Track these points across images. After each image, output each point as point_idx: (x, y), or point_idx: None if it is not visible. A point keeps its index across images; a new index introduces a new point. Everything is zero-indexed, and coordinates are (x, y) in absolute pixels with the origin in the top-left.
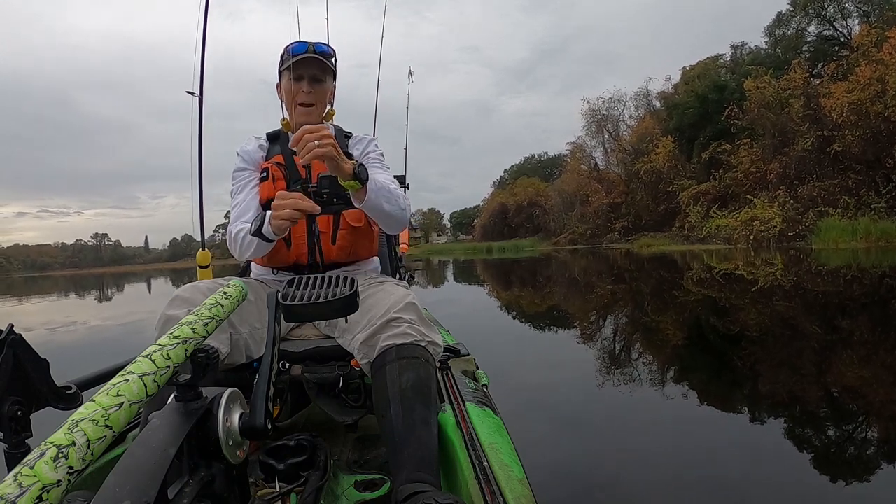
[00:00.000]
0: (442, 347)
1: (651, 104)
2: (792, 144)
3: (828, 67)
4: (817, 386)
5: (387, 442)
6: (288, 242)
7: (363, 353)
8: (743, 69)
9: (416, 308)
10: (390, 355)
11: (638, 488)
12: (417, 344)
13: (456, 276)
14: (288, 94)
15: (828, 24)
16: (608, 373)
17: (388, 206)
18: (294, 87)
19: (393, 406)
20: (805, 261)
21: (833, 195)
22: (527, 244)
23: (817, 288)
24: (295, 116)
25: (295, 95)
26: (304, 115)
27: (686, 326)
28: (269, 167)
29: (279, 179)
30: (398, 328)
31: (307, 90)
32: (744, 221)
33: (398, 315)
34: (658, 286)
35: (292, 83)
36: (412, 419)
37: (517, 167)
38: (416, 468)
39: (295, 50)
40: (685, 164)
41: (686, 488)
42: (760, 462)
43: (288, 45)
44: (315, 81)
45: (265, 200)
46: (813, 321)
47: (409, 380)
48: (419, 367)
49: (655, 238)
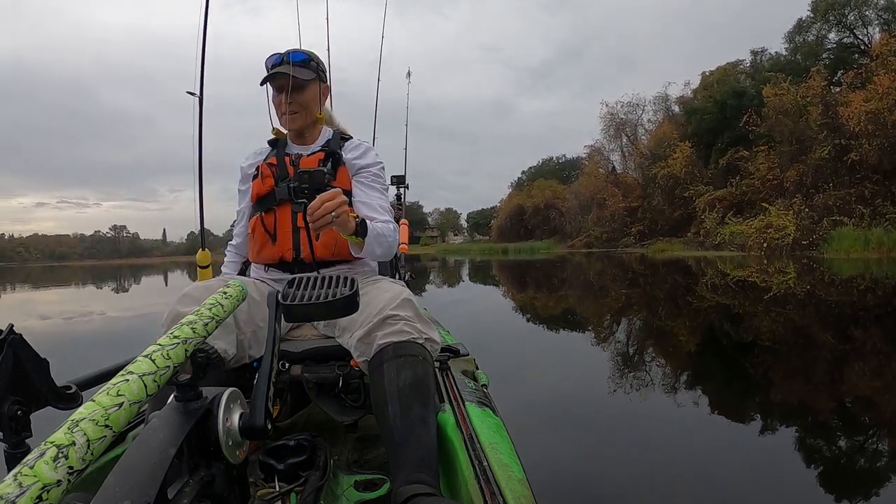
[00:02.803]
0: (439, 344)
1: (670, 109)
2: (809, 152)
3: (847, 75)
4: (829, 396)
5: (385, 441)
6: (273, 238)
7: (360, 351)
8: (762, 75)
9: (413, 305)
10: (387, 353)
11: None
12: (415, 341)
13: (471, 276)
14: (272, 103)
15: (848, 31)
16: (620, 377)
17: (380, 250)
18: (276, 99)
19: (391, 405)
20: (817, 270)
21: (848, 204)
22: (542, 246)
23: (830, 297)
24: (282, 126)
25: (278, 106)
26: (291, 123)
27: (698, 332)
28: (260, 166)
29: (268, 177)
30: (395, 325)
31: (287, 100)
32: (758, 229)
33: (394, 312)
34: (672, 291)
35: (274, 93)
36: (410, 418)
37: (535, 169)
38: (414, 468)
39: (271, 61)
40: (702, 170)
41: (687, 493)
42: (759, 465)
43: (268, 58)
44: (295, 90)
45: (255, 198)
46: (826, 330)
47: (406, 378)
48: (417, 365)
49: (670, 243)
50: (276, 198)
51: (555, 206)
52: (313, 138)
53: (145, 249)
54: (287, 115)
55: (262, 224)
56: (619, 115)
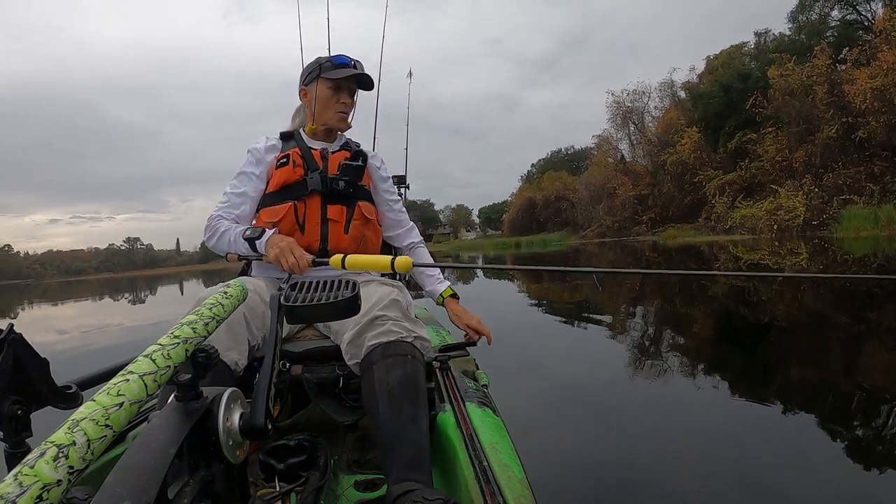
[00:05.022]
0: (430, 342)
1: (676, 95)
2: (817, 132)
3: (851, 53)
4: (848, 378)
5: (377, 442)
6: (302, 228)
7: (351, 354)
8: (767, 56)
9: (400, 304)
10: (377, 354)
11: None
12: (403, 341)
13: (485, 271)
14: (325, 99)
15: (851, 7)
16: (634, 367)
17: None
18: (335, 96)
19: (381, 405)
20: (829, 249)
21: (858, 182)
22: (554, 238)
23: (845, 277)
24: (331, 122)
25: (335, 104)
26: (342, 122)
27: (714, 316)
28: (290, 154)
29: (299, 166)
30: (383, 326)
31: (347, 101)
32: (768, 211)
33: (382, 313)
34: (685, 278)
35: (332, 91)
36: (401, 418)
37: (544, 161)
38: (405, 468)
39: (339, 61)
40: (711, 155)
41: (693, 491)
42: (764, 450)
43: (325, 55)
44: (351, 94)
45: (282, 184)
46: (842, 310)
47: (395, 378)
48: (406, 364)
49: (682, 229)
50: (308, 188)
51: (565, 197)
52: (334, 137)
53: (160, 260)
54: (344, 113)
55: (295, 214)
56: (626, 104)
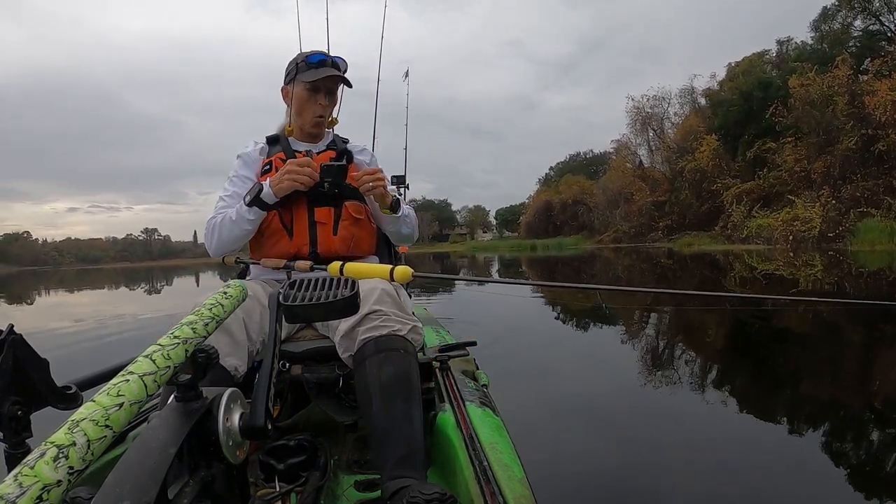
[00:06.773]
0: (422, 335)
1: (696, 101)
2: (836, 143)
3: (873, 63)
4: (860, 392)
5: (371, 438)
6: (290, 233)
7: (344, 347)
8: (788, 65)
9: (394, 298)
10: (369, 349)
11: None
12: (396, 334)
13: (500, 273)
14: (302, 101)
15: (874, 18)
16: (647, 375)
17: (406, 230)
18: (312, 98)
19: (374, 401)
20: (844, 262)
21: (876, 195)
22: (570, 242)
23: (859, 289)
24: (306, 127)
25: (312, 106)
26: (318, 127)
27: (725, 326)
28: (272, 160)
29: None
30: (375, 320)
31: (324, 103)
32: (784, 221)
33: (375, 307)
34: (699, 287)
35: (308, 93)
36: (393, 414)
37: (562, 164)
38: (398, 465)
39: (312, 60)
40: (729, 163)
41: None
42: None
43: (301, 54)
44: (330, 93)
45: None
46: (856, 324)
47: (388, 373)
48: (399, 359)
49: (698, 237)
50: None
51: (583, 201)
52: (321, 137)
53: (177, 251)
54: (321, 117)
55: (280, 219)
56: (645, 109)
